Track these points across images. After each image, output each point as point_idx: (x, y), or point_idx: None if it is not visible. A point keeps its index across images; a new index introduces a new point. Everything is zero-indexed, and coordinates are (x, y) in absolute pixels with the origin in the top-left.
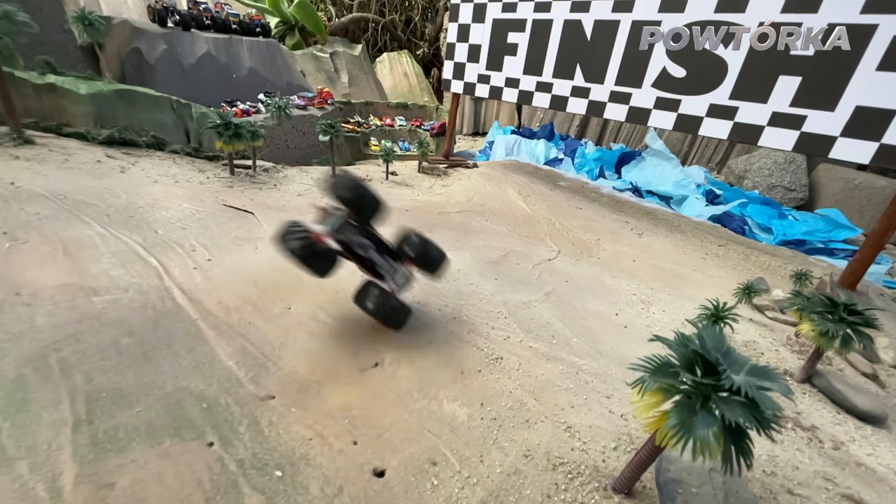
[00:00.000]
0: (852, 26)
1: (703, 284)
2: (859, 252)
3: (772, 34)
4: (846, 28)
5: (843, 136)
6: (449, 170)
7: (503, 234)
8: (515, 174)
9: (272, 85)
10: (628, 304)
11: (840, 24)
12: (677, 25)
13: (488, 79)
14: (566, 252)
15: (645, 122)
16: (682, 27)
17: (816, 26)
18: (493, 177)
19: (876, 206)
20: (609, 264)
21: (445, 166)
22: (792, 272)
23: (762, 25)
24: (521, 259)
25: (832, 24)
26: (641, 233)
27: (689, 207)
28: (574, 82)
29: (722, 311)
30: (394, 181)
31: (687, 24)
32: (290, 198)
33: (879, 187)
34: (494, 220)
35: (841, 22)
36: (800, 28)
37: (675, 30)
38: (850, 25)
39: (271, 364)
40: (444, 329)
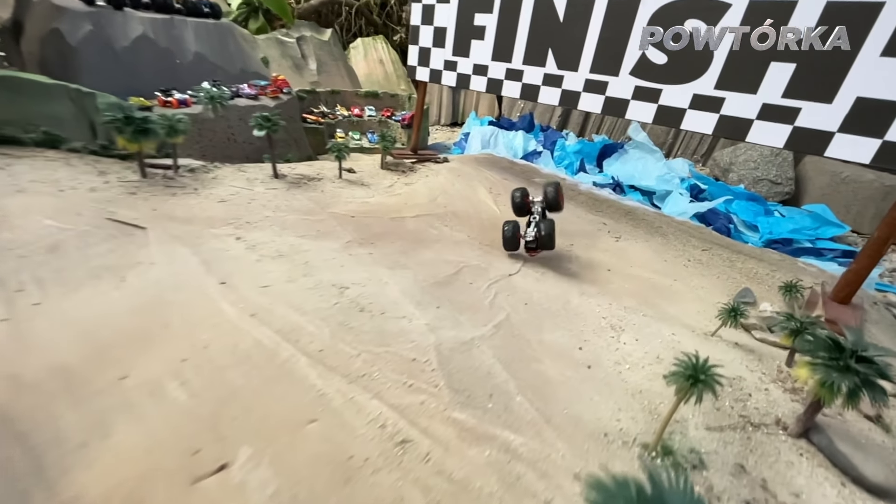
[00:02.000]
0: (853, 3)
1: (685, 298)
2: (855, 261)
3: (772, 34)
4: (846, 5)
5: (841, 131)
6: (417, 165)
7: (462, 244)
8: (488, 170)
9: (223, 72)
10: (596, 331)
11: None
12: (659, 4)
13: (455, 65)
14: (533, 262)
15: (622, 114)
16: (665, 5)
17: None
18: (463, 173)
19: (862, 201)
20: (580, 276)
21: (413, 161)
22: (781, 284)
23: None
24: (477, 276)
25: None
26: (619, 236)
27: (673, 204)
28: (546, 69)
29: (702, 369)
30: (348, 179)
31: (670, 2)
32: (208, 205)
33: (866, 181)
34: (456, 225)
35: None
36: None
37: (656, 9)
38: (852, 2)
39: (44, 488)
40: (341, 396)
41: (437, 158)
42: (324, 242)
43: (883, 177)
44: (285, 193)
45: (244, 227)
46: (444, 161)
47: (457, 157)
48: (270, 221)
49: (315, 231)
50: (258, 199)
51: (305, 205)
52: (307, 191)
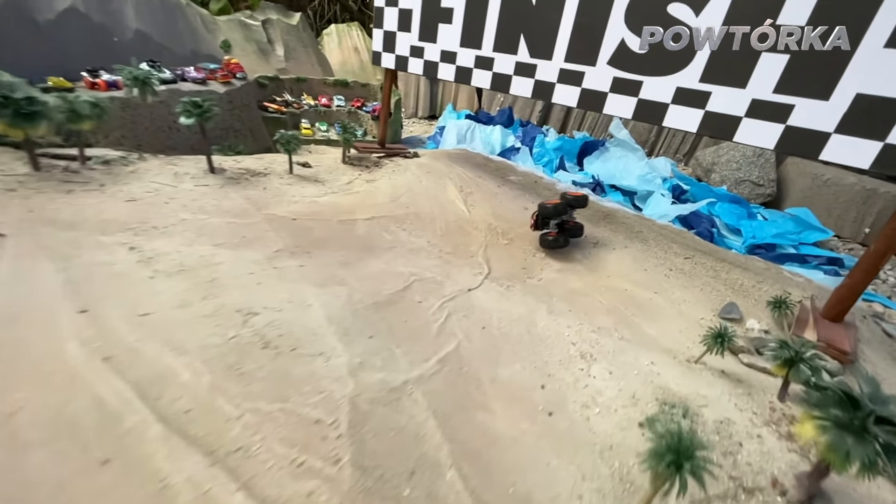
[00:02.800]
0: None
1: (666, 314)
2: (849, 276)
3: (772, 34)
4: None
5: (838, 132)
6: (384, 160)
7: (419, 252)
8: (461, 166)
9: (170, 54)
10: (563, 362)
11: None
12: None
13: (422, 52)
14: (498, 273)
15: (599, 108)
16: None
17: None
18: (434, 169)
19: (843, 205)
20: (550, 290)
21: (380, 156)
22: (769, 299)
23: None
24: (429, 292)
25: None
26: (597, 241)
27: (654, 205)
28: (518, 57)
29: (686, 452)
30: (300, 175)
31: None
32: (110, 205)
33: (848, 184)
34: (417, 228)
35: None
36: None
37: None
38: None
39: None
40: (192, 488)
41: (406, 153)
42: (245, 252)
43: (864, 180)
44: (217, 191)
45: (146, 234)
46: (413, 156)
47: (428, 153)
48: (185, 226)
49: (239, 238)
50: (179, 199)
51: (238, 205)
52: (247, 188)
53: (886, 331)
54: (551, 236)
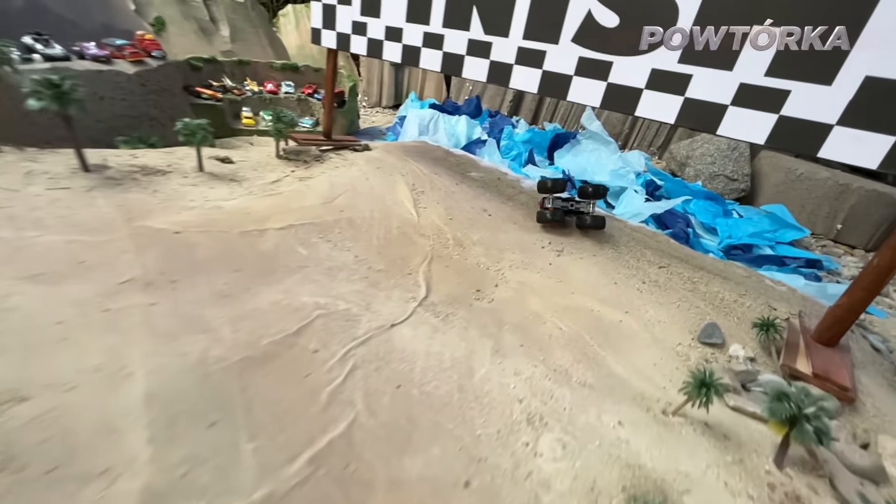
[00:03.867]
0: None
1: (638, 342)
2: (847, 294)
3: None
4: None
5: (841, 124)
6: (331, 154)
7: (339, 272)
8: (417, 161)
9: (74, 27)
10: (503, 434)
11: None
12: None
13: (364, 28)
14: (439, 295)
15: (563, 94)
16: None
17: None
18: (385, 164)
19: (816, 200)
20: (502, 315)
21: (326, 148)
22: (755, 320)
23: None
24: (333, 334)
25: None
26: (562, 249)
27: (627, 203)
28: (471, 34)
29: None
30: (213, 173)
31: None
32: None
33: (821, 179)
34: (346, 238)
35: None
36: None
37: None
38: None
39: None
40: None
41: (356, 146)
42: (71, 287)
43: (837, 174)
44: (77, 197)
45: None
46: (364, 149)
47: (381, 145)
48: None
49: (73, 265)
50: (11, 208)
51: (100, 215)
52: (128, 191)
53: (874, 345)
54: (542, 207)
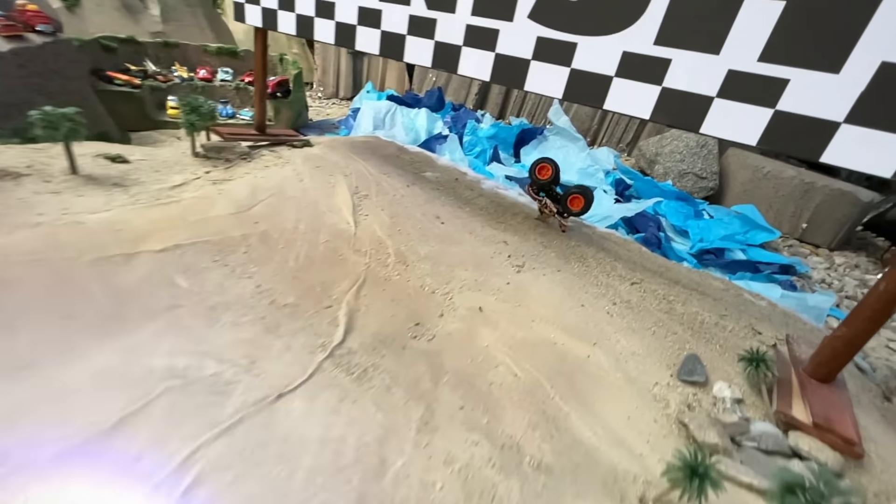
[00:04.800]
0: None
1: (609, 389)
2: (846, 323)
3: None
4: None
5: (849, 121)
6: (263, 150)
7: (224, 310)
8: (365, 159)
9: None
10: None
11: None
12: None
13: (293, 4)
14: (365, 334)
15: (520, 83)
16: None
17: None
18: (325, 163)
19: (782, 199)
20: (441, 362)
21: (260, 144)
22: (741, 353)
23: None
24: (182, 419)
25: None
26: (523, 263)
27: (597, 204)
28: (411, 9)
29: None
30: (92, 175)
31: None
32: None
33: (787, 177)
34: (252, 260)
35: None
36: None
37: None
38: None
39: None
40: None
41: (293, 141)
42: None
43: (803, 173)
44: None
45: None
46: (304, 145)
47: (325, 141)
48: None
49: None
50: None
51: None
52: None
53: (858, 365)
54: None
